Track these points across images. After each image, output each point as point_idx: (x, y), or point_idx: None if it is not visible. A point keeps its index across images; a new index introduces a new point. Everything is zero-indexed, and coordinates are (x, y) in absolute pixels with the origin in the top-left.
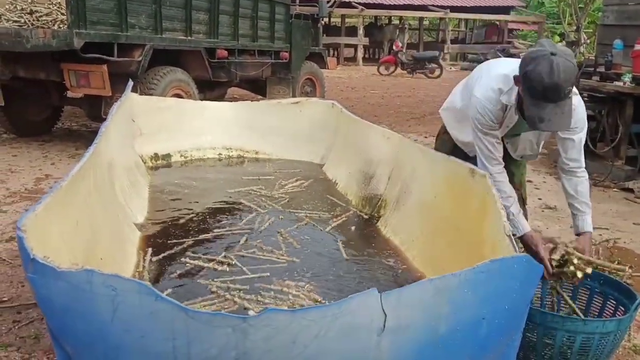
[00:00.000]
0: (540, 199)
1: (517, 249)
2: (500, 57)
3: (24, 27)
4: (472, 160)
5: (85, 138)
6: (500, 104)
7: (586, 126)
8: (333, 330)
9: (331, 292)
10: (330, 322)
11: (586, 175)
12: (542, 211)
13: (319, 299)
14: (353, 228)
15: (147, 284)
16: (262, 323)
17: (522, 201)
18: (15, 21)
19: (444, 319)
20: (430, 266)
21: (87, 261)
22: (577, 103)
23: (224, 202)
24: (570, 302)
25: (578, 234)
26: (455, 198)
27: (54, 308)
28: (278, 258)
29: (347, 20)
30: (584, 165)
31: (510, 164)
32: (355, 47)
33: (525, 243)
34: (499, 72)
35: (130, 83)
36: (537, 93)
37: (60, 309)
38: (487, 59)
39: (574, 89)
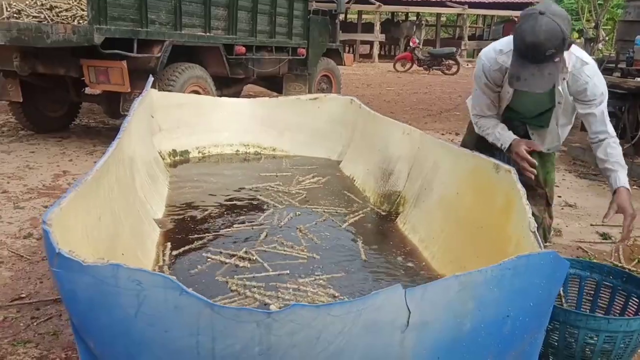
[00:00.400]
0: (559, 196)
1: (542, 245)
2: None
3: (43, 22)
4: (496, 151)
5: (102, 135)
6: (497, 64)
7: (606, 97)
8: (357, 326)
9: (350, 289)
10: (355, 318)
11: (616, 140)
12: (562, 209)
13: (337, 294)
14: (372, 225)
15: (173, 279)
16: (287, 318)
17: (546, 201)
18: (35, 17)
19: (468, 315)
20: (451, 264)
21: (109, 256)
22: (592, 75)
23: (242, 198)
24: None
25: (614, 192)
26: (478, 194)
27: (79, 302)
28: (298, 254)
29: (363, 16)
30: (613, 133)
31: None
32: (371, 43)
33: (511, 150)
34: (509, 37)
35: (151, 79)
36: (519, 51)
37: (84, 303)
38: None
39: (587, 60)
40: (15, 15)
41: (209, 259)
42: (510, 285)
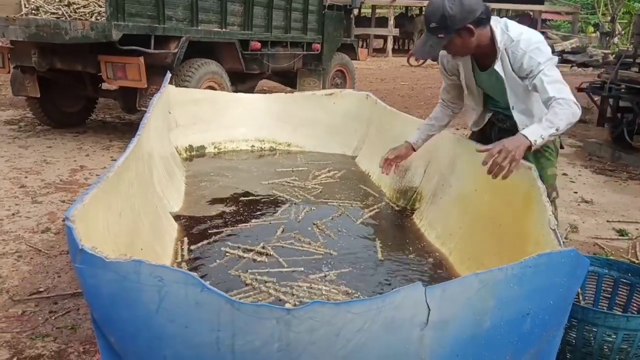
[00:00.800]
0: (575, 192)
1: (561, 243)
2: None
3: (62, 19)
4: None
5: (118, 130)
6: None
7: (547, 66)
8: (376, 324)
9: (367, 286)
10: (374, 315)
11: (560, 100)
12: (578, 205)
13: (350, 291)
14: (388, 220)
15: (194, 275)
16: (307, 315)
17: None
18: (53, 13)
19: (488, 314)
20: (469, 261)
21: (129, 251)
22: (527, 48)
23: (258, 193)
24: None
25: None
26: (497, 191)
27: (101, 298)
28: (315, 250)
29: (377, 10)
30: (558, 95)
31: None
32: (384, 38)
33: None
34: None
35: (169, 75)
36: None
37: (106, 298)
38: None
39: (520, 36)
40: (33, 11)
41: (227, 254)
42: (530, 283)
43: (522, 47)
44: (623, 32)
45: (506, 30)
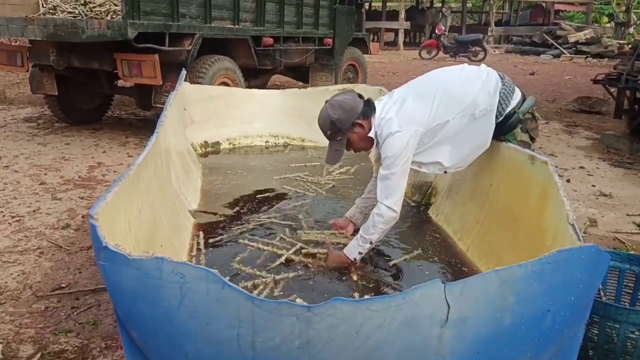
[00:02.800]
0: (594, 185)
1: (581, 238)
2: (545, 38)
3: (78, 18)
4: None
5: (134, 126)
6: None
7: (390, 163)
8: (396, 321)
9: (386, 282)
10: (394, 312)
11: (380, 207)
12: (597, 198)
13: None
14: (404, 216)
15: (215, 272)
16: (327, 312)
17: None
18: (70, 12)
19: (508, 310)
20: (487, 256)
21: (149, 248)
22: (385, 141)
23: (272, 188)
24: None
25: None
26: (513, 186)
27: (124, 294)
28: (339, 244)
29: (388, 4)
30: (383, 199)
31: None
32: (395, 31)
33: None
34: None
35: (184, 72)
36: None
37: (129, 295)
38: (534, 41)
39: (384, 132)
40: (51, 11)
41: (248, 247)
42: (551, 279)
43: (381, 140)
44: (639, 22)
45: (376, 119)
